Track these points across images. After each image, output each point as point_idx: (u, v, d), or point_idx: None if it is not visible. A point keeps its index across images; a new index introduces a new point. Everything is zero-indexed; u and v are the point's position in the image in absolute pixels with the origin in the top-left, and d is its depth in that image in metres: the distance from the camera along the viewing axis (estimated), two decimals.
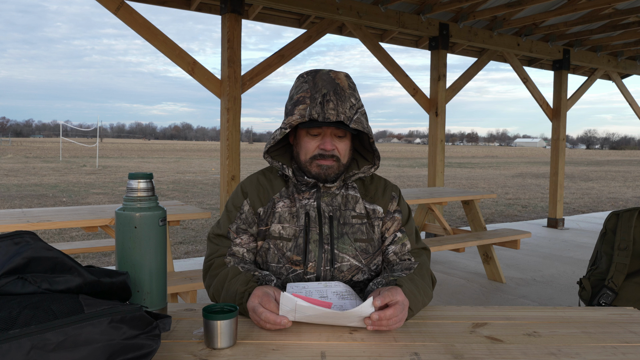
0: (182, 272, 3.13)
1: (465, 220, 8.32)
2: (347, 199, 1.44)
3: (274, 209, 1.42)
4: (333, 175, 1.39)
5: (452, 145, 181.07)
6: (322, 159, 1.37)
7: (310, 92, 1.34)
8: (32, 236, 0.96)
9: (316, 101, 1.32)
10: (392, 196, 1.49)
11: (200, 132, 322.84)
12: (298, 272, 1.38)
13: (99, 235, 6.09)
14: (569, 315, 1.29)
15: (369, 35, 5.41)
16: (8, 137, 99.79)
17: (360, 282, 1.42)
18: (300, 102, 1.34)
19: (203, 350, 1.03)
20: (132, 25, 4.03)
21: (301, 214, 1.40)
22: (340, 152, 1.38)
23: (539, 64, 7.83)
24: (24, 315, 0.81)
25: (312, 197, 1.42)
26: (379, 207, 1.46)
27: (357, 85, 5.09)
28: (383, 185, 1.50)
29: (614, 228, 2.32)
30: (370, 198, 1.47)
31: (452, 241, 4.12)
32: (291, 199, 1.43)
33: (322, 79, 1.35)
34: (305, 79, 1.38)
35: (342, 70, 1.59)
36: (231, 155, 4.42)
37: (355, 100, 1.37)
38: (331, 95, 1.32)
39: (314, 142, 1.37)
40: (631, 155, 64.76)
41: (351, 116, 1.33)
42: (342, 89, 1.34)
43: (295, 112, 1.34)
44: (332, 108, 1.31)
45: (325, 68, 1.42)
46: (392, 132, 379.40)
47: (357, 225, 1.42)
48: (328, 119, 1.31)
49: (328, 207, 1.42)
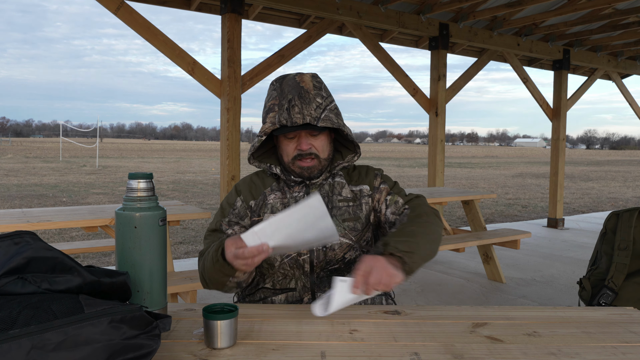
0: (182, 272, 3.13)
1: (465, 220, 8.32)
2: (333, 186, 1.53)
3: (266, 200, 1.51)
4: (316, 172, 1.48)
5: (452, 145, 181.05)
6: (301, 158, 1.45)
7: (278, 99, 1.44)
8: (32, 236, 0.96)
9: (283, 107, 1.42)
10: (376, 174, 1.57)
11: (200, 132, 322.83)
12: (292, 256, 1.45)
13: (99, 235, 6.09)
14: (569, 315, 1.29)
15: (369, 35, 5.41)
16: (8, 137, 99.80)
17: (353, 259, 1.49)
18: (271, 110, 1.44)
19: (203, 350, 1.03)
20: (132, 25, 4.03)
21: (291, 203, 1.48)
22: (317, 148, 1.46)
23: (539, 64, 7.83)
24: (24, 315, 0.81)
25: (301, 190, 1.51)
26: (365, 186, 1.54)
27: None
28: (365, 169, 1.61)
29: (614, 228, 2.32)
30: (355, 182, 1.55)
31: (452, 241, 4.12)
32: (282, 192, 1.52)
33: (288, 84, 1.44)
34: (274, 86, 1.47)
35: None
36: (231, 155, 4.42)
37: (322, 99, 1.44)
38: (296, 100, 1.41)
39: (292, 144, 1.46)
40: (631, 155, 64.75)
41: (318, 116, 1.41)
42: (306, 92, 1.42)
43: (267, 120, 1.44)
44: (298, 112, 1.40)
45: (293, 72, 1.49)
46: (392, 132, 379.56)
47: (344, 208, 1.50)
48: (295, 122, 1.40)
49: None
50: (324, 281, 1.47)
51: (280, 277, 1.48)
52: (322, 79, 1.52)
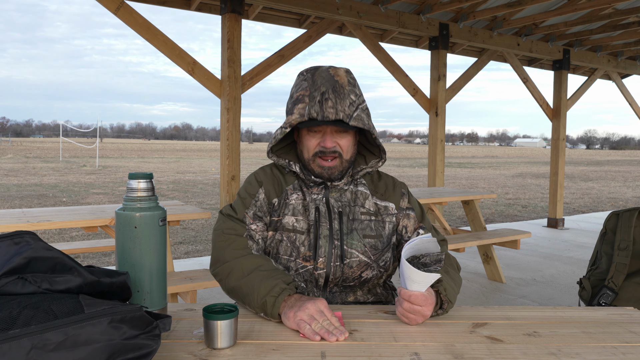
0: (182, 272, 3.13)
1: (465, 220, 8.32)
2: (356, 195, 1.43)
3: (287, 200, 1.41)
4: (337, 173, 1.39)
5: (452, 145, 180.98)
6: (323, 155, 1.36)
7: (309, 90, 1.34)
8: (32, 236, 0.96)
9: (315, 100, 1.32)
10: (402, 192, 1.49)
11: (200, 132, 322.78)
12: (308, 268, 1.37)
13: (99, 235, 6.09)
14: (569, 315, 1.29)
15: (369, 35, 5.41)
16: (8, 137, 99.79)
17: (370, 278, 1.41)
18: (300, 101, 1.34)
19: (203, 350, 1.03)
20: (132, 25, 4.03)
21: (311, 207, 1.39)
22: (342, 147, 1.37)
23: (539, 64, 7.83)
24: (24, 315, 0.81)
25: (320, 192, 1.42)
26: (391, 204, 1.46)
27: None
28: (392, 182, 1.51)
29: (614, 228, 2.32)
30: (380, 195, 1.46)
31: (452, 241, 4.12)
32: (302, 191, 1.42)
33: (322, 76, 1.35)
34: (304, 76, 1.37)
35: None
36: (231, 155, 4.42)
37: (356, 97, 1.36)
38: (330, 93, 1.32)
39: (315, 140, 1.37)
40: (631, 155, 64.74)
41: (350, 113, 1.32)
42: (341, 86, 1.33)
43: (295, 111, 1.34)
44: (331, 106, 1.31)
45: (325, 65, 1.42)
46: (392, 132, 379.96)
47: (365, 222, 1.41)
48: (327, 117, 1.31)
49: (337, 202, 1.41)
50: (336, 297, 1.41)
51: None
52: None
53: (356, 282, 1.40)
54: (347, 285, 1.41)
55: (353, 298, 1.43)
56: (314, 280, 1.38)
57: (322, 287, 1.40)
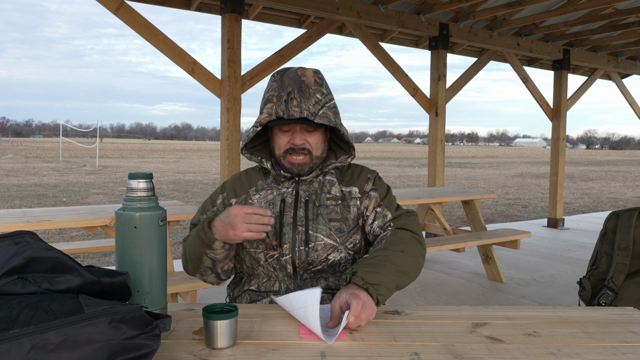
0: (182, 272, 3.13)
1: (465, 220, 8.32)
2: (323, 184, 1.50)
3: (249, 201, 1.50)
4: (307, 169, 1.46)
5: (452, 145, 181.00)
6: (293, 153, 1.44)
7: (277, 90, 1.42)
8: (32, 236, 0.96)
9: (281, 99, 1.40)
10: (368, 177, 1.53)
11: (200, 132, 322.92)
12: (275, 256, 1.42)
13: (99, 235, 6.09)
14: (569, 315, 1.29)
15: (369, 35, 5.41)
16: (8, 137, 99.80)
17: (338, 261, 1.44)
18: (269, 101, 1.42)
19: (203, 350, 1.03)
20: (132, 25, 4.03)
21: (277, 201, 1.47)
22: (311, 145, 1.44)
23: (539, 64, 7.83)
24: (24, 315, 0.81)
25: (290, 186, 1.49)
26: (355, 188, 1.51)
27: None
28: (359, 170, 1.56)
29: (614, 228, 2.32)
30: (346, 182, 1.52)
31: (452, 241, 4.12)
32: (269, 188, 1.50)
33: (289, 77, 1.42)
34: (275, 77, 1.45)
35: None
36: (231, 155, 4.42)
37: (322, 96, 1.43)
38: (295, 93, 1.39)
39: (286, 138, 1.44)
40: (631, 155, 64.73)
41: (316, 112, 1.39)
42: (307, 86, 1.41)
43: (264, 111, 1.42)
44: (296, 105, 1.38)
45: (295, 66, 1.47)
46: (392, 132, 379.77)
47: (331, 207, 1.46)
48: (292, 115, 1.38)
49: (305, 192, 1.48)
50: (307, 283, 1.43)
51: (264, 279, 1.45)
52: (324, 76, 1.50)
53: (324, 266, 1.43)
54: (317, 270, 1.44)
55: (325, 284, 1.45)
56: (283, 268, 1.43)
57: (291, 275, 1.44)
